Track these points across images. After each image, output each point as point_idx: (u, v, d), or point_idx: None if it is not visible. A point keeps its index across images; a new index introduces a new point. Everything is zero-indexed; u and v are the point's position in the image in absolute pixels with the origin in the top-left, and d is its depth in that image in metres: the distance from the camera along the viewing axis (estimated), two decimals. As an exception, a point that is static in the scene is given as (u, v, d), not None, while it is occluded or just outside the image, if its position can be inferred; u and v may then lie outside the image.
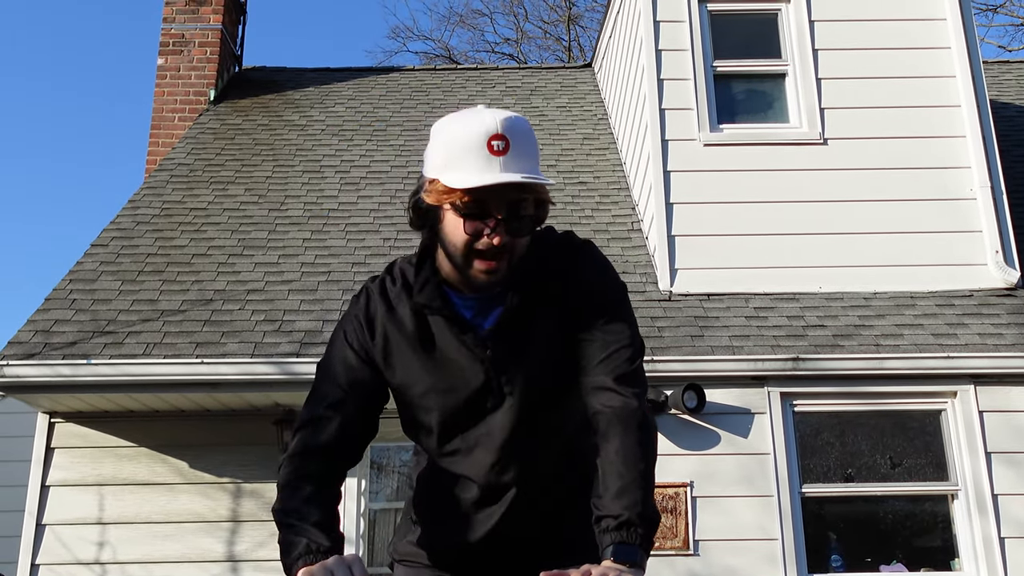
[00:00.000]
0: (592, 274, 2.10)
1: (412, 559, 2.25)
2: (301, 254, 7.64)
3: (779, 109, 7.74)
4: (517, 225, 1.95)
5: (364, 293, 2.15)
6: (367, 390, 2.08)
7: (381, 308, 2.10)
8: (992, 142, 7.40)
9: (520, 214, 1.95)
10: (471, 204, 1.92)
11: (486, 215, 1.93)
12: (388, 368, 2.09)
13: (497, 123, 1.92)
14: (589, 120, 10.18)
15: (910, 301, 7.05)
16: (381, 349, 2.08)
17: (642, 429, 1.95)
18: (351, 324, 2.12)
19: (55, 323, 6.67)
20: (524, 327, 2.06)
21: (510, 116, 1.96)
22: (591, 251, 2.15)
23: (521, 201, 1.94)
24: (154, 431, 6.71)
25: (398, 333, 2.08)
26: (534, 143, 1.98)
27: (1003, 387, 6.59)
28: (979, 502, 6.38)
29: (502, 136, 1.91)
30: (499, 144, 1.90)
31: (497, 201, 1.92)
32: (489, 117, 1.93)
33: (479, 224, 1.93)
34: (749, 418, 6.54)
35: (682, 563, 6.26)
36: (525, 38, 26.52)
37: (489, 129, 1.91)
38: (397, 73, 11.91)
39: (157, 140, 10.08)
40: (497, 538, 2.13)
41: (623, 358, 2.02)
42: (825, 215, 7.28)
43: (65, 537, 6.43)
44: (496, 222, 1.93)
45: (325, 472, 2.03)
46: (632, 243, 7.82)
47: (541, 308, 2.06)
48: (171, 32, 10.54)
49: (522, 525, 2.13)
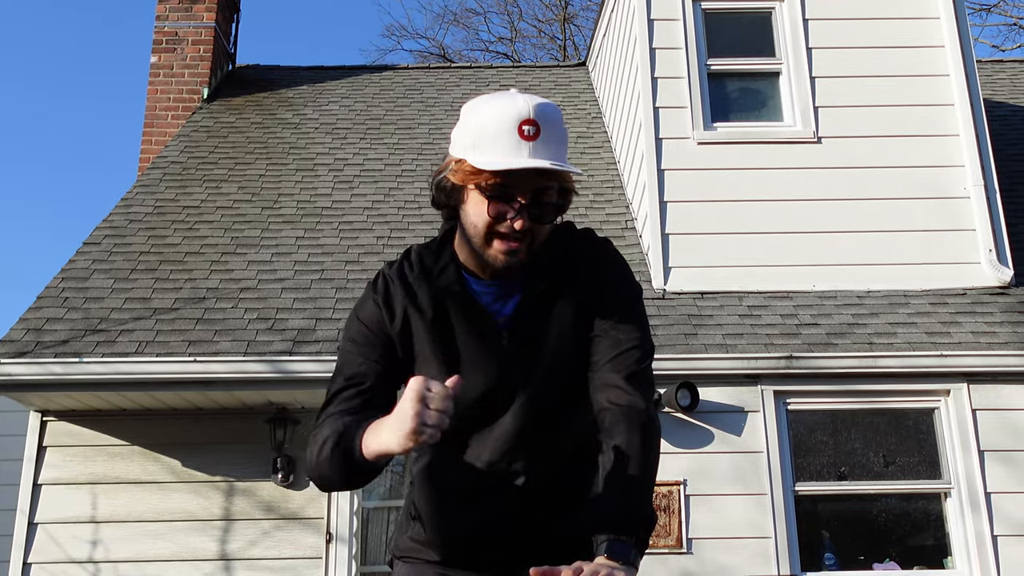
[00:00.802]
0: (612, 272, 2.11)
1: (414, 555, 2.22)
2: (294, 252, 7.63)
3: (773, 107, 7.74)
4: (540, 212, 1.95)
5: (382, 277, 2.13)
6: (388, 363, 2.06)
7: (400, 292, 2.08)
8: (986, 141, 7.41)
9: (544, 201, 1.95)
10: (497, 186, 1.92)
11: (511, 199, 1.93)
12: (406, 350, 2.07)
13: (530, 108, 1.92)
14: (583, 119, 10.18)
15: (903, 299, 7.06)
16: (399, 332, 2.06)
17: (646, 429, 1.96)
18: (368, 306, 2.10)
19: (47, 321, 6.65)
20: (542, 319, 2.06)
21: (543, 102, 1.96)
22: (611, 249, 2.16)
23: (547, 188, 1.94)
24: (147, 430, 6.70)
25: (418, 317, 2.06)
26: (564, 131, 1.98)
27: (996, 385, 6.60)
28: (972, 500, 6.39)
29: (533, 121, 1.91)
30: (530, 129, 1.90)
31: (523, 186, 1.92)
32: (522, 101, 1.93)
33: (503, 207, 1.93)
34: (742, 416, 6.54)
35: (675, 561, 6.26)
36: (520, 37, 26.53)
37: (521, 113, 1.91)
38: (391, 71, 11.90)
39: (150, 138, 10.06)
40: (504, 530, 2.12)
41: (633, 358, 2.03)
42: (819, 213, 7.28)
43: (57, 536, 6.42)
44: (520, 206, 1.93)
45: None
46: (626, 241, 7.82)
47: (560, 301, 2.06)
48: (164, 30, 10.51)
49: (529, 519, 2.11)
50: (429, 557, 2.19)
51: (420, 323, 2.06)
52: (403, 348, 2.07)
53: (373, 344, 2.06)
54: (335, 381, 2.06)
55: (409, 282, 2.09)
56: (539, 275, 2.05)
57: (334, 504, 6.58)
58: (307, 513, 6.58)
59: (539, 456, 2.09)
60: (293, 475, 6.56)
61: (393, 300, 2.08)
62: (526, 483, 2.07)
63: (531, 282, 2.05)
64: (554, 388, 2.05)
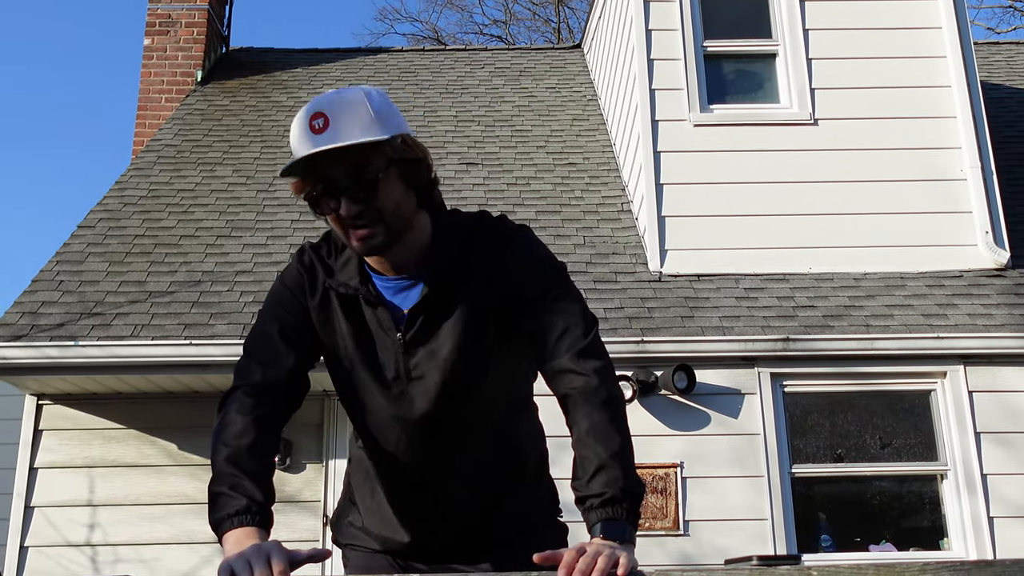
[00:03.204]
0: (527, 260, 2.06)
1: (358, 544, 2.22)
2: (289, 235, 7.61)
3: (769, 89, 7.72)
4: (359, 191, 1.91)
5: (307, 253, 2.13)
6: (307, 336, 2.07)
7: (321, 272, 2.09)
8: (983, 122, 7.39)
9: (362, 177, 1.90)
10: (307, 187, 1.92)
11: (328, 193, 1.91)
12: (324, 329, 2.07)
13: (316, 102, 1.91)
14: (579, 101, 10.14)
15: (900, 282, 7.06)
16: (317, 307, 2.07)
17: (609, 405, 1.93)
18: (292, 276, 2.10)
19: (42, 304, 6.63)
20: (444, 311, 2.03)
21: (336, 91, 1.94)
22: (524, 236, 2.10)
23: (358, 165, 1.89)
24: (143, 413, 6.69)
25: (336, 299, 2.06)
26: (364, 108, 1.91)
27: (992, 367, 6.60)
28: (968, 482, 6.40)
29: (319, 114, 1.89)
30: (318, 122, 1.89)
31: (328, 175, 1.90)
32: (314, 101, 1.93)
33: (326, 202, 1.92)
34: (739, 399, 6.54)
35: (672, 543, 6.27)
36: (514, 19, 26.49)
37: (308, 111, 1.90)
38: (385, 54, 11.85)
39: (144, 121, 10.01)
40: (431, 523, 2.12)
41: (575, 335, 1.99)
42: (815, 195, 7.27)
43: (54, 519, 6.41)
44: (338, 193, 1.91)
45: (270, 415, 1.97)
46: (622, 224, 7.81)
47: (465, 293, 2.03)
48: (158, 12, 10.46)
49: (457, 510, 2.12)
50: (368, 545, 2.20)
51: (336, 305, 2.07)
52: (322, 326, 2.07)
53: (292, 311, 2.07)
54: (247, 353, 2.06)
55: (329, 263, 2.09)
56: (440, 265, 2.03)
57: (331, 487, 6.58)
58: (304, 496, 6.58)
59: (455, 448, 2.09)
60: (290, 458, 6.56)
61: (316, 275, 2.08)
62: (447, 475, 2.08)
63: (431, 275, 2.03)
64: (456, 381, 2.03)
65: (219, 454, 1.86)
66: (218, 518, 1.77)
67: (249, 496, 1.78)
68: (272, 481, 1.87)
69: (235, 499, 1.78)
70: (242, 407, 1.94)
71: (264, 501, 1.80)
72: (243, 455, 1.85)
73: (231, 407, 1.95)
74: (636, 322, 6.61)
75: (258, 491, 1.80)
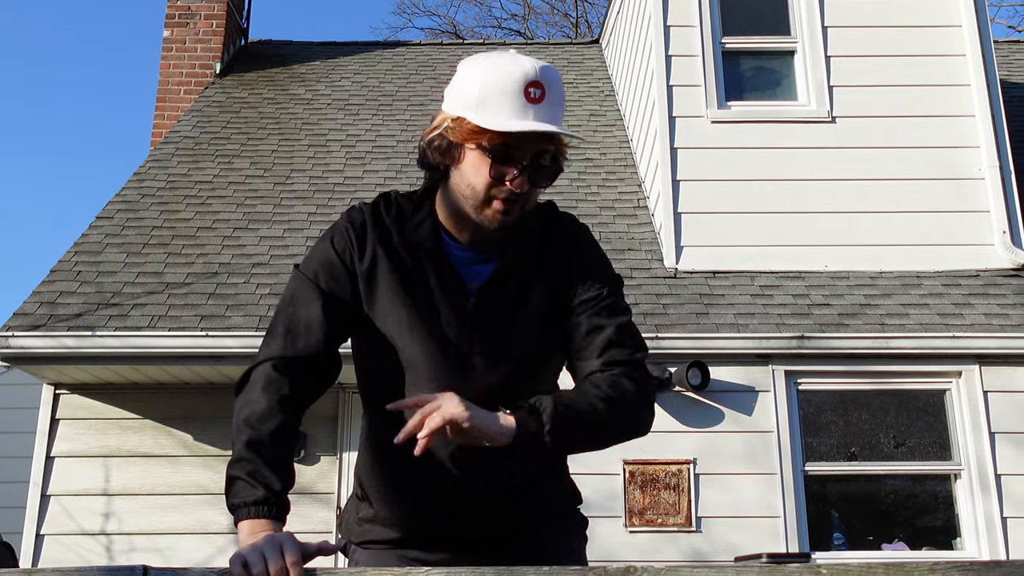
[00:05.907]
0: (596, 260, 2.08)
1: (369, 539, 2.13)
2: (306, 228, 7.63)
3: (787, 86, 7.70)
4: (538, 175, 1.93)
5: (358, 211, 2.07)
6: (347, 305, 1.99)
7: (373, 231, 2.02)
8: (1001, 122, 7.36)
9: (542, 164, 1.93)
10: (500, 148, 1.89)
11: (512, 160, 1.90)
12: (369, 294, 2.00)
13: (536, 70, 1.90)
14: (596, 96, 10.14)
15: (916, 281, 7.04)
16: (366, 272, 2.00)
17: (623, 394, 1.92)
18: (340, 235, 2.03)
19: (60, 295, 6.67)
20: (514, 292, 2.01)
21: (546, 65, 1.93)
22: (592, 237, 2.13)
23: (546, 152, 1.93)
24: (159, 403, 6.73)
25: (386, 260, 2.00)
26: (564, 95, 1.96)
27: (1008, 367, 6.58)
28: (982, 482, 6.38)
29: (539, 84, 1.89)
30: (536, 91, 1.88)
31: (525, 148, 1.90)
32: (528, 63, 1.90)
33: (504, 168, 1.90)
34: (753, 396, 6.53)
35: (684, 539, 6.28)
36: (532, 14, 26.44)
37: (528, 75, 1.88)
38: (404, 48, 11.87)
39: (163, 113, 10.06)
40: (461, 511, 2.03)
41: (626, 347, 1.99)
42: (832, 193, 7.25)
43: (70, 507, 6.46)
44: (521, 168, 1.90)
45: (296, 395, 1.92)
46: (638, 220, 7.81)
47: (536, 279, 2.02)
48: (177, 4, 10.50)
49: (489, 497, 2.02)
50: (382, 536, 2.10)
51: (387, 266, 2.00)
52: (367, 289, 1.99)
53: (335, 276, 1.99)
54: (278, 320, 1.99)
55: (385, 224, 2.03)
56: (517, 247, 2.01)
57: (345, 479, 6.61)
58: (318, 488, 6.61)
59: None
60: (304, 450, 6.59)
61: (366, 237, 2.01)
62: (484, 459, 1.94)
63: (508, 252, 2.01)
64: (515, 365, 2.00)
65: (241, 435, 1.85)
66: (235, 504, 1.78)
67: (267, 486, 1.78)
68: (292, 464, 1.86)
69: (253, 488, 1.78)
70: (268, 385, 1.90)
71: (281, 490, 1.79)
72: (265, 441, 1.83)
73: (257, 382, 1.91)
74: (651, 318, 6.61)
75: (276, 480, 1.79)
